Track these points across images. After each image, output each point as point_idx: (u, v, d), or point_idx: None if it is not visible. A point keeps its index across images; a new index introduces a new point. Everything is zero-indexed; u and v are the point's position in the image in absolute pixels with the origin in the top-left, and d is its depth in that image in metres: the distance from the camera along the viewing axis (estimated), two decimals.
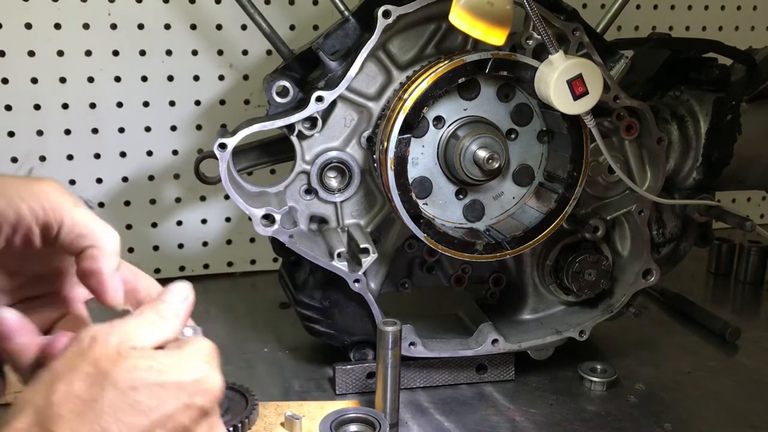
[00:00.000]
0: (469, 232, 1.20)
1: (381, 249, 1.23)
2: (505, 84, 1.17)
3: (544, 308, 1.33)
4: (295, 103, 1.18)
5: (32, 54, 1.50)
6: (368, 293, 1.20)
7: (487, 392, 1.26)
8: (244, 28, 1.59)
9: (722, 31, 1.93)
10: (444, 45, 1.18)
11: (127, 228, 1.63)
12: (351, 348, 1.27)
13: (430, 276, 1.31)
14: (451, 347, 1.25)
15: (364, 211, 1.23)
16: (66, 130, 1.56)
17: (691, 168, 1.31)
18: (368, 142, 1.19)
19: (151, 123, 1.60)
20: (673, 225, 1.34)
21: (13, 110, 1.52)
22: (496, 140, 1.14)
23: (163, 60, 1.58)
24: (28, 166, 1.56)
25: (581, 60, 1.06)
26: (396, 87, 1.17)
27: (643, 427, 1.17)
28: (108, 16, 1.53)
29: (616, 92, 1.18)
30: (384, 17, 1.10)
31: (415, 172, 1.17)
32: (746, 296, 1.76)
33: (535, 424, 1.17)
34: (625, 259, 1.30)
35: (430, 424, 1.17)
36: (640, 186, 1.24)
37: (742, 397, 1.26)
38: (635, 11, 1.81)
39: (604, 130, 1.22)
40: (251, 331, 1.45)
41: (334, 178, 1.21)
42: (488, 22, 1.01)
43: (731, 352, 1.43)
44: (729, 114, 1.29)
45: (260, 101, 1.63)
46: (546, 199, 1.20)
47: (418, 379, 1.26)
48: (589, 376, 1.28)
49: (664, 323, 1.54)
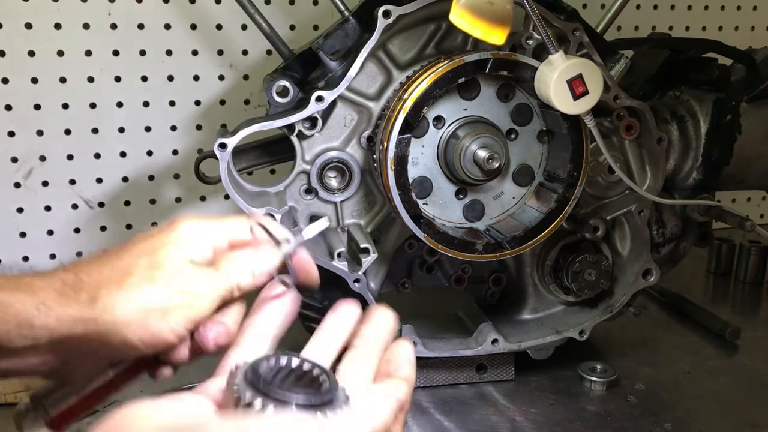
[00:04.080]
0: (469, 231, 1.20)
1: (381, 249, 1.23)
2: (505, 84, 1.17)
3: (544, 308, 1.33)
4: (295, 103, 1.18)
5: (32, 54, 1.50)
6: (368, 293, 1.20)
7: (487, 392, 1.26)
8: (244, 28, 1.59)
9: (722, 31, 1.92)
10: (444, 45, 1.18)
11: (127, 228, 1.62)
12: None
13: (430, 276, 1.31)
14: (451, 347, 1.25)
15: (364, 211, 1.23)
16: (66, 130, 1.56)
17: (691, 168, 1.31)
18: (368, 142, 1.19)
19: (151, 123, 1.60)
20: (673, 225, 1.34)
21: (13, 110, 1.52)
22: (496, 140, 1.14)
23: (163, 60, 1.58)
24: (28, 166, 1.56)
25: (581, 60, 1.06)
26: (396, 87, 1.17)
27: (643, 427, 1.17)
28: (108, 16, 1.53)
29: (616, 92, 1.18)
30: (384, 17, 1.10)
31: (415, 172, 1.17)
32: (746, 296, 1.76)
33: (535, 424, 1.17)
34: (625, 259, 1.30)
35: (430, 424, 1.17)
36: (640, 186, 1.24)
37: (742, 397, 1.26)
38: (635, 11, 1.81)
39: (604, 130, 1.22)
40: None
41: (334, 178, 1.21)
42: (488, 21, 1.01)
43: (731, 352, 1.43)
44: (729, 114, 1.29)
45: (260, 101, 1.63)
46: (546, 199, 1.20)
47: (418, 379, 1.26)
48: (589, 376, 1.28)
49: (664, 323, 1.54)
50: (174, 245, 0.75)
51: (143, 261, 0.73)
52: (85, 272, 0.72)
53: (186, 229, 0.77)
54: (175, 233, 0.76)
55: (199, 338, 0.74)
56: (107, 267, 0.73)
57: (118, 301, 0.70)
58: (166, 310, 0.71)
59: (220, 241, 0.78)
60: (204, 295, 0.73)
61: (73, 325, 0.69)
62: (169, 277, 0.72)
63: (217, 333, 0.75)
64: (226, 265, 0.76)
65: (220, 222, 0.80)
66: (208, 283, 0.74)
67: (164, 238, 0.75)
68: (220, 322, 0.75)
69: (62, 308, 0.69)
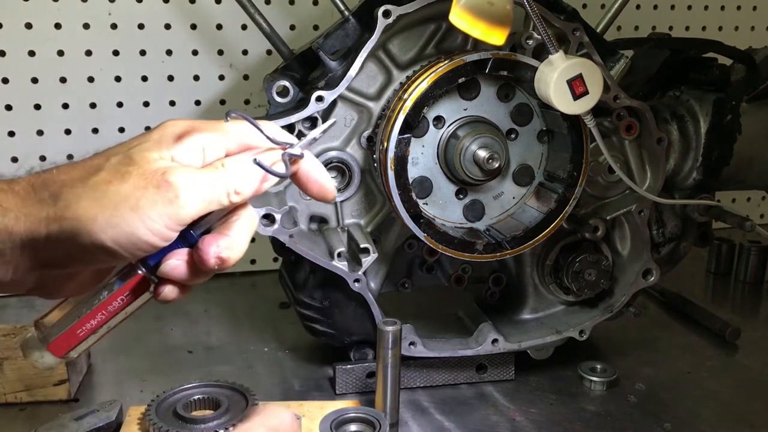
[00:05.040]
0: (469, 231, 1.20)
1: (381, 249, 1.23)
2: (505, 84, 1.17)
3: (544, 308, 1.33)
4: (295, 103, 1.18)
5: (32, 54, 1.50)
6: (368, 293, 1.20)
7: (487, 392, 1.26)
8: (244, 28, 1.59)
9: (722, 31, 1.93)
10: (444, 45, 1.18)
11: None
12: (351, 348, 1.27)
13: (430, 276, 1.31)
14: (451, 347, 1.25)
15: (364, 211, 1.23)
16: (66, 130, 1.56)
17: (691, 168, 1.31)
18: (368, 142, 1.19)
19: (151, 123, 1.60)
20: (673, 225, 1.34)
21: (13, 110, 1.52)
22: (496, 140, 1.14)
23: (163, 60, 1.58)
24: (28, 166, 1.55)
25: (581, 60, 1.06)
26: (396, 87, 1.17)
27: (643, 427, 1.17)
28: (108, 16, 1.53)
29: (616, 92, 1.18)
30: (384, 17, 1.10)
31: (415, 172, 1.17)
32: (746, 296, 1.76)
33: (535, 423, 1.17)
34: (625, 259, 1.30)
35: (430, 424, 1.17)
36: (640, 186, 1.24)
37: (742, 397, 1.26)
38: (635, 11, 1.81)
39: (604, 130, 1.22)
40: (251, 331, 1.45)
41: (334, 177, 1.20)
42: (488, 22, 1.01)
43: (731, 352, 1.43)
44: (729, 114, 1.29)
45: (260, 101, 1.63)
46: (546, 199, 1.20)
47: (418, 378, 1.26)
48: (589, 375, 1.28)
49: (664, 323, 1.54)
50: (154, 142, 0.67)
51: (115, 159, 0.66)
52: (52, 174, 0.67)
53: (172, 126, 0.69)
54: (157, 131, 0.68)
55: (198, 252, 0.68)
56: (77, 167, 0.67)
57: (80, 196, 0.64)
58: (137, 205, 0.63)
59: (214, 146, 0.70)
60: (185, 190, 0.64)
61: (35, 226, 0.64)
62: (143, 172, 0.64)
63: (218, 247, 0.68)
64: (219, 165, 0.68)
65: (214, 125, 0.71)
66: (191, 179, 0.65)
67: (145, 137, 0.68)
68: (222, 233, 0.69)
69: (21, 208, 0.64)
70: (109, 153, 0.68)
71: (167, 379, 1.22)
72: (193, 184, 0.65)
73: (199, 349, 1.38)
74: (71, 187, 0.64)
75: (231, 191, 0.68)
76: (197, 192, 0.66)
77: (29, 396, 1.16)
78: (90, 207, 0.63)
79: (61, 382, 1.17)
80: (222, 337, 1.44)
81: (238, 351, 1.37)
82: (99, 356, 1.32)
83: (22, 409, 1.16)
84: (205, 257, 0.68)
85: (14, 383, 1.16)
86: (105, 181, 0.64)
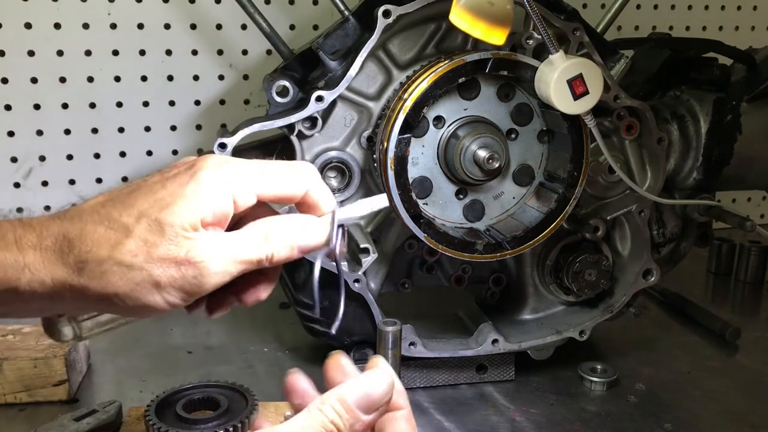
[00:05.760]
0: (469, 232, 1.20)
1: (381, 249, 1.23)
2: (506, 84, 1.17)
3: (544, 308, 1.33)
4: (295, 102, 1.18)
5: (32, 54, 1.50)
6: (368, 293, 1.20)
7: (487, 392, 1.26)
8: (244, 28, 1.59)
9: (722, 31, 1.93)
10: (444, 45, 1.18)
11: None
12: (351, 348, 1.27)
13: (430, 276, 1.31)
14: (451, 347, 1.25)
15: None
16: (66, 130, 1.56)
17: (692, 168, 1.31)
18: (368, 142, 1.19)
19: (151, 123, 1.60)
20: (673, 225, 1.34)
21: (13, 110, 1.52)
22: (496, 140, 1.14)
23: (163, 60, 1.58)
24: (28, 166, 1.56)
25: (581, 60, 1.06)
26: (396, 87, 1.17)
27: (643, 427, 1.17)
28: (108, 16, 1.53)
29: (617, 92, 1.18)
30: (384, 17, 1.10)
31: (415, 172, 1.17)
32: (746, 296, 1.76)
33: (535, 424, 1.17)
34: (625, 259, 1.30)
35: (430, 424, 1.17)
36: (640, 186, 1.24)
37: (742, 397, 1.26)
38: (635, 11, 1.81)
39: (604, 129, 1.22)
40: (251, 331, 1.45)
41: (334, 177, 1.20)
42: (488, 21, 1.01)
43: (731, 352, 1.43)
44: (729, 114, 1.29)
45: (260, 101, 1.63)
46: (546, 199, 1.20)
47: (418, 379, 1.26)
48: (589, 376, 1.28)
49: (664, 323, 1.54)
50: (185, 202, 0.66)
51: (144, 223, 0.66)
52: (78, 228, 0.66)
53: (205, 181, 0.68)
54: (190, 186, 0.68)
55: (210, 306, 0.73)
56: (103, 225, 0.66)
57: (105, 271, 0.65)
58: (158, 284, 0.65)
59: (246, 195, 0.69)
60: (208, 268, 0.66)
61: (58, 288, 0.66)
62: (169, 245, 0.65)
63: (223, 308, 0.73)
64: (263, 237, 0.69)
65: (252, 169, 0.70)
66: (218, 254, 0.66)
67: (176, 191, 0.67)
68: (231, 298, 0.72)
69: (48, 271, 0.65)
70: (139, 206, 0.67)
71: (167, 380, 1.22)
72: (222, 261, 0.67)
73: (198, 350, 1.38)
74: (96, 259, 0.65)
75: (265, 259, 0.69)
76: (226, 268, 0.67)
77: (29, 396, 1.16)
78: (114, 283, 0.65)
79: (60, 383, 1.17)
80: (222, 338, 1.44)
81: (238, 351, 1.37)
82: (98, 356, 1.31)
83: (22, 409, 1.16)
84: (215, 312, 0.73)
85: (14, 384, 1.16)
86: (131, 253, 0.65)
